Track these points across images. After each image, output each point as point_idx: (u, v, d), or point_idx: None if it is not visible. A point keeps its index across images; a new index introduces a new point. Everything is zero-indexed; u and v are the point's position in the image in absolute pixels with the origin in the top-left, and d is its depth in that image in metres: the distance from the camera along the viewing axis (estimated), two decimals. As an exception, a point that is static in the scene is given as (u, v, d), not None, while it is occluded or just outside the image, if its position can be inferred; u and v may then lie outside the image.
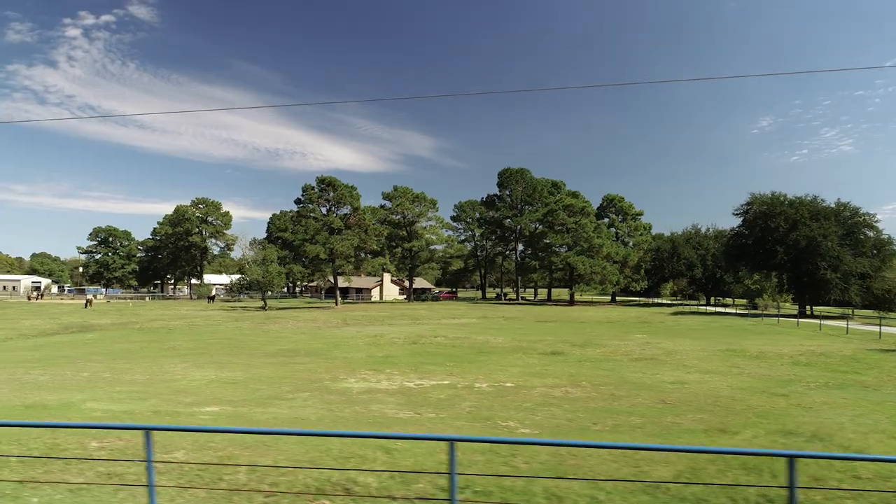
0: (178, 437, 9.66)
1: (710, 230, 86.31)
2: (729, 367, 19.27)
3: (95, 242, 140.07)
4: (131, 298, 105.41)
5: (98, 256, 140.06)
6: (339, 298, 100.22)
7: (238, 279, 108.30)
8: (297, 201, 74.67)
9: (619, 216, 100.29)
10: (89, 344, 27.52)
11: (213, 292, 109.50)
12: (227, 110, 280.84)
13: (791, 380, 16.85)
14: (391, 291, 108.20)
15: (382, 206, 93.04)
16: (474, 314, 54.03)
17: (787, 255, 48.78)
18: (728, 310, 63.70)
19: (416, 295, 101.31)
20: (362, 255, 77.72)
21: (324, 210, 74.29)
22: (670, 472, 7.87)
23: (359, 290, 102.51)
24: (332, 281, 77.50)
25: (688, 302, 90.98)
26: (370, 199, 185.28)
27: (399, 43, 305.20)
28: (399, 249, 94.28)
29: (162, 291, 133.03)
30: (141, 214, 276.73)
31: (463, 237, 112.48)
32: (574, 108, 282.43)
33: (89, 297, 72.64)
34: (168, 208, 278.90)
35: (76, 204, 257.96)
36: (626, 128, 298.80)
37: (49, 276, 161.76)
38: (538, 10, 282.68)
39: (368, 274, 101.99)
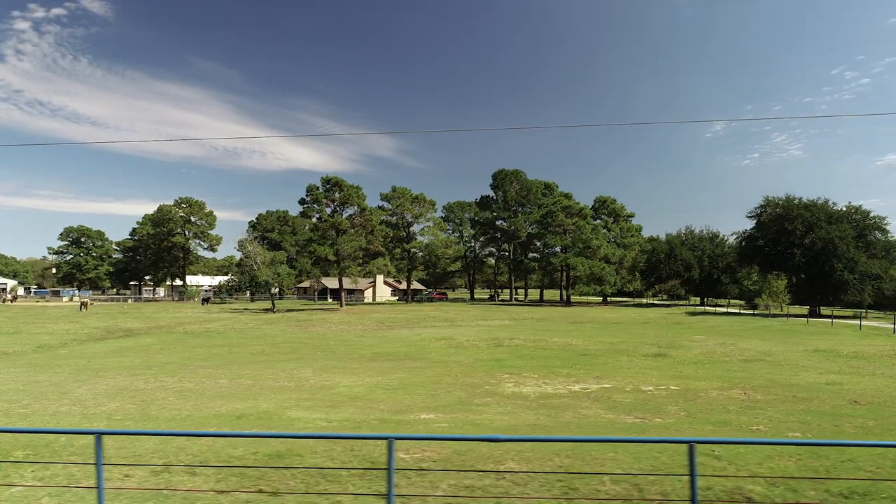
0: (489, 446, 9.46)
1: (705, 232, 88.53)
2: (850, 367, 19.81)
3: (66, 243, 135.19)
4: (115, 300, 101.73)
5: (70, 257, 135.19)
6: (333, 299, 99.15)
7: (228, 280, 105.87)
8: (302, 201, 73.38)
9: (612, 217, 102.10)
10: (164, 349, 26.46)
11: (202, 294, 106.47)
12: (186, 110, 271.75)
13: (932, 379, 17.45)
14: (384, 293, 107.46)
15: (381, 207, 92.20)
16: (497, 316, 54.18)
17: (804, 257, 50.55)
18: (731, 310, 65.41)
19: (407, 296, 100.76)
20: (365, 256, 76.87)
21: (329, 210, 73.28)
22: None
23: (350, 292, 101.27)
24: (335, 283, 76.58)
25: (678, 303, 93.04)
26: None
27: (364, 41, 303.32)
28: (398, 250, 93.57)
29: (139, 293, 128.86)
30: (94, 214, 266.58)
31: (453, 238, 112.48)
32: (536, 111, 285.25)
33: (85, 299, 69.79)
34: (122, 207, 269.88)
35: (25, 203, 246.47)
36: (586, 130, 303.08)
37: (13, 277, 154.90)
38: (500, 14, 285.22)
39: (363, 275, 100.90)
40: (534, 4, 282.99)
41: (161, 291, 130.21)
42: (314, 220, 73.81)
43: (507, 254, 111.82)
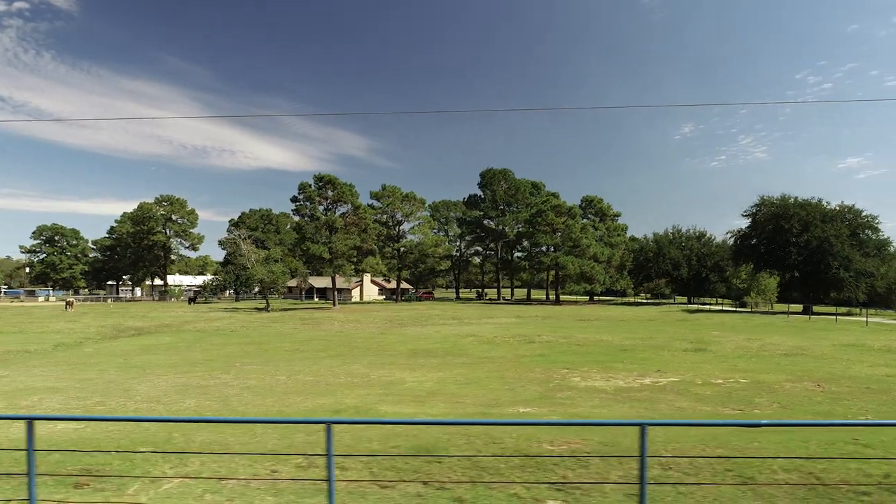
0: (630, 439, 9.33)
1: (692, 231, 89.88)
2: (895, 361, 20.19)
3: (39, 241, 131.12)
4: (93, 300, 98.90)
5: (43, 256, 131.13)
6: (321, 298, 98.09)
7: (213, 279, 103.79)
8: (294, 199, 72.41)
9: (598, 217, 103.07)
10: (191, 347, 25.62)
11: (186, 293, 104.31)
12: (154, 107, 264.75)
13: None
14: (371, 292, 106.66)
15: (370, 206, 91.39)
16: (499, 314, 54.16)
17: (800, 255, 51.74)
18: (724, 308, 66.52)
19: (397, 295, 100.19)
20: (358, 254, 76.22)
21: (321, 208, 72.40)
22: None
23: (338, 291, 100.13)
24: (322, 282, 75.69)
25: (664, 301, 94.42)
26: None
27: (338, 40, 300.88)
28: (388, 249, 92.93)
29: (117, 293, 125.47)
30: (59, 213, 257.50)
31: (442, 236, 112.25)
32: (509, 109, 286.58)
33: (70, 299, 67.92)
34: (88, 206, 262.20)
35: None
36: (560, 130, 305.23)
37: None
38: (474, 17, 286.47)
39: (356, 274, 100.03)
40: (508, 8, 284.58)
41: (138, 291, 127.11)
42: (306, 218, 72.61)
43: (493, 253, 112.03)
